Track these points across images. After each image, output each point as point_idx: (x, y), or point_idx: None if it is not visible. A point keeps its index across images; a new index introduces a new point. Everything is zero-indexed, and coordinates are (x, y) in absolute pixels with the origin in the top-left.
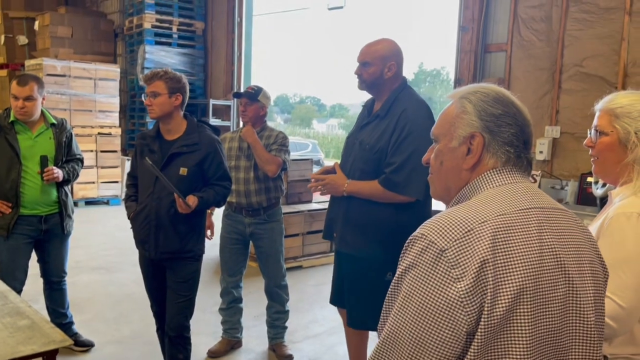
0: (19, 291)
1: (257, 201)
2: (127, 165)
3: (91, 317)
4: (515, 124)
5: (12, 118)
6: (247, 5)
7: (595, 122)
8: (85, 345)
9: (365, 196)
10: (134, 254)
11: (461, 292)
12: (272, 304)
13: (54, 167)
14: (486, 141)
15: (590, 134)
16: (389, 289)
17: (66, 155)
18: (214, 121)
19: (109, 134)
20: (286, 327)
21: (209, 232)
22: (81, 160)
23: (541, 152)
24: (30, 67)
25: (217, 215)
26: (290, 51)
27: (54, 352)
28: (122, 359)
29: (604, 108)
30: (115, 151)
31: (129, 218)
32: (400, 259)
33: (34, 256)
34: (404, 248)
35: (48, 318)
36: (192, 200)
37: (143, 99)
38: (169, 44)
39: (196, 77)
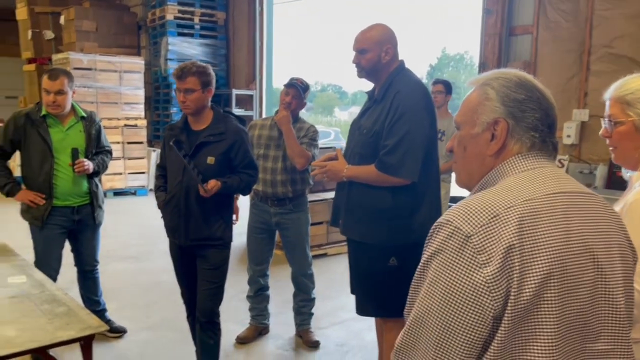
0: (53, 279)
1: (282, 191)
2: (153, 156)
3: (123, 305)
4: (540, 109)
5: (43, 112)
6: None
7: (607, 111)
8: (119, 332)
9: (363, 180)
10: (162, 243)
11: (487, 277)
12: (299, 291)
13: (85, 159)
14: (510, 127)
15: (604, 124)
16: (415, 275)
17: (95, 147)
18: (237, 111)
19: (135, 126)
20: (312, 314)
21: (234, 217)
22: (110, 152)
23: (569, 136)
24: (57, 61)
25: (244, 204)
26: (311, 39)
27: (90, 337)
28: (153, 345)
29: (614, 96)
30: (141, 142)
31: (159, 207)
32: (425, 245)
33: (67, 246)
34: (429, 234)
35: (82, 306)
36: (212, 184)
37: (174, 94)
38: (191, 35)
39: (218, 67)
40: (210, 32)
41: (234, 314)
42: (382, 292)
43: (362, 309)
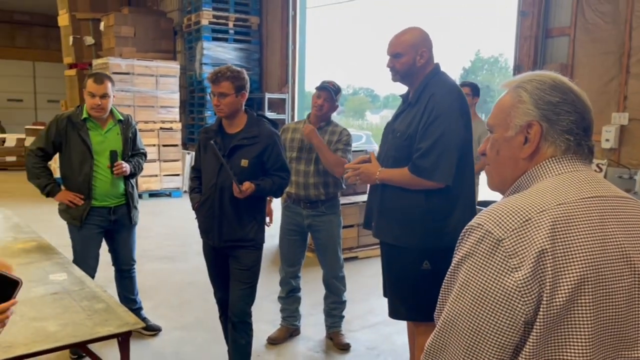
0: (91, 277)
1: (315, 194)
2: (187, 159)
3: (157, 304)
4: (575, 111)
5: (84, 115)
6: None
7: None
8: (153, 330)
9: (396, 183)
10: (196, 244)
11: (519, 282)
12: (330, 294)
13: (123, 162)
14: (544, 130)
15: None
16: (445, 278)
17: (131, 150)
18: (269, 114)
19: (170, 129)
20: (343, 317)
21: (267, 219)
22: (144, 155)
23: (607, 140)
24: (97, 66)
25: (277, 206)
26: (344, 42)
27: (128, 334)
28: (187, 343)
29: None
30: (176, 145)
31: (193, 209)
32: (456, 248)
33: (104, 245)
34: (459, 237)
35: (120, 303)
36: (246, 186)
37: (209, 98)
38: (226, 40)
39: (252, 71)
40: (244, 36)
41: (265, 315)
42: (415, 295)
43: (395, 312)
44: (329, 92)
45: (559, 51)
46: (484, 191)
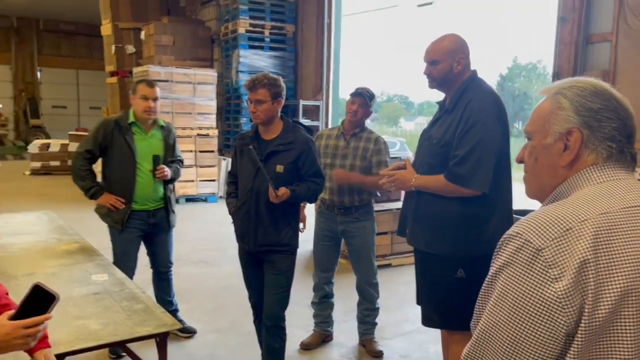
0: (131, 279)
1: (349, 200)
2: (223, 165)
3: (193, 307)
4: (617, 118)
5: (131, 119)
6: (337, 6)
7: None
8: (189, 332)
9: (431, 190)
10: (231, 248)
11: (559, 293)
12: (363, 300)
13: (164, 166)
14: (585, 137)
15: None
16: (482, 287)
17: (171, 156)
18: (303, 121)
19: (207, 135)
20: (376, 324)
21: (301, 225)
22: (181, 161)
23: None
24: (137, 73)
25: (311, 212)
26: (378, 50)
27: (165, 335)
28: (221, 346)
29: None
30: (212, 151)
31: (230, 214)
32: (493, 257)
33: (142, 248)
34: (497, 246)
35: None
36: (282, 191)
37: (246, 105)
38: (262, 48)
39: (286, 78)
40: (279, 44)
41: (298, 320)
42: (449, 303)
43: (427, 320)
44: (363, 98)
45: (600, 58)
46: (521, 199)
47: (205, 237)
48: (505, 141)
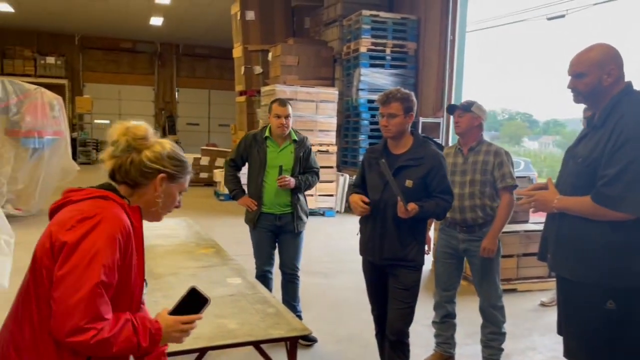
0: (267, 271)
1: (471, 217)
2: (341, 180)
3: (313, 317)
4: None
5: (266, 134)
6: (460, 22)
7: None
8: (310, 340)
9: (576, 212)
10: (349, 262)
11: None
12: (487, 323)
13: (287, 176)
14: None
15: None
16: None
17: (304, 167)
18: None
19: (327, 152)
20: (502, 350)
21: (426, 247)
22: (316, 173)
23: None
24: (265, 92)
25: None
26: (502, 65)
27: (296, 339)
28: (341, 357)
29: None
30: (331, 167)
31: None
32: None
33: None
34: None
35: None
36: (412, 206)
37: (377, 119)
38: (382, 66)
39: None
40: (400, 62)
41: (417, 339)
42: (595, 337)
43: (571, 353)
44: (460, 108)
45: None
46: None
47: (324, 250)
48: None
